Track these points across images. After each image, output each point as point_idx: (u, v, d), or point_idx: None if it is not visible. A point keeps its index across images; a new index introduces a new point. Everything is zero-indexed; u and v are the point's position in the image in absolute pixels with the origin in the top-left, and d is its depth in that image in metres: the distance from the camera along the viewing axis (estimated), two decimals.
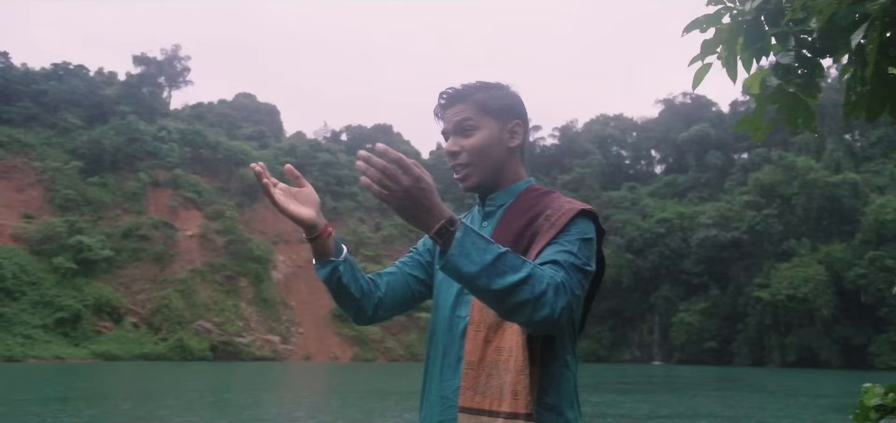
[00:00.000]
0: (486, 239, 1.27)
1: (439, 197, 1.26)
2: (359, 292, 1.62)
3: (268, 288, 63.31)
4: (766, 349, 60.08)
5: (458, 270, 1.25)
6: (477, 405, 1.42)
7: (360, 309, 1.64)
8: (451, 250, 1.24)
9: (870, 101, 2.18)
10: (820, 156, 66.36)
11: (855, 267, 56.48)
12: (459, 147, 1.57)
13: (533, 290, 1.26)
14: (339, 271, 1.58)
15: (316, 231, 1.56)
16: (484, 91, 1.58)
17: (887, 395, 2.24)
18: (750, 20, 2.21)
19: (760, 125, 2.34)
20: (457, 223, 1.26)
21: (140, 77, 73.47)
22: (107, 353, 50.50)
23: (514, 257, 1.27)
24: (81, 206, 59.62)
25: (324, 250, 1.58)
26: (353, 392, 26.17)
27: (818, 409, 21.47)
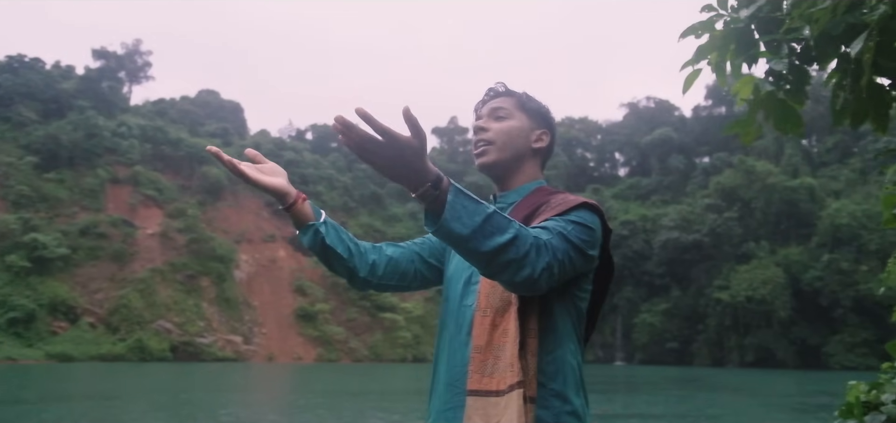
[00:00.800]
0: (474, 199, 1.29)
1: (427, 159, 1.25)
2: (346, 251, 1.65)
3: (230, 288, 62.41)
4: (726, 350, 61.40)
5: (449, 231, 1.26)
6: (484, 387, 1.43)
7: (351, 270, 1.66)
8: (444, 214, 1.25)
9: (855, 108, 2.26)
10: (779, 161, 68.08)
11: (811, 269, 58.09)
12: (489, 126, 1.63)
13: (517, 250, 1.28)
14: (320, 232, 1.61)
15: (290, 198, 1.59)
16: (525, 96, 1.68)
17: (870, 392, 2.32)
18: (742, 28, 2.27)
19: (751, 129, 2.40)
20: (444, 185, 1.26)
21: (99, 71, 71.77)
22: (62, 354, 49.19)
23: (500, 218, 1.29)
24: (36, 202, 57.98)
25: (303, 216, 1.61)
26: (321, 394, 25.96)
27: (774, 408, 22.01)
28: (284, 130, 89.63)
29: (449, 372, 1.53)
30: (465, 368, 1.48)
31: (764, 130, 2.48)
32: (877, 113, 2.29)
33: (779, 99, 2.28)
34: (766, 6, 2.23)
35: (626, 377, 41.86)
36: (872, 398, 2.29)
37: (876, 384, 2.37)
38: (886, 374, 2.41)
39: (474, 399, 1.44)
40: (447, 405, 1.51)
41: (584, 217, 1.47)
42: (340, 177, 78.52)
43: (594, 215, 1.50)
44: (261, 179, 1.55)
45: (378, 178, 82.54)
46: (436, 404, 1.56)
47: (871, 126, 2.32)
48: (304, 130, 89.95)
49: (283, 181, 1.59)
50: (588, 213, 1.49)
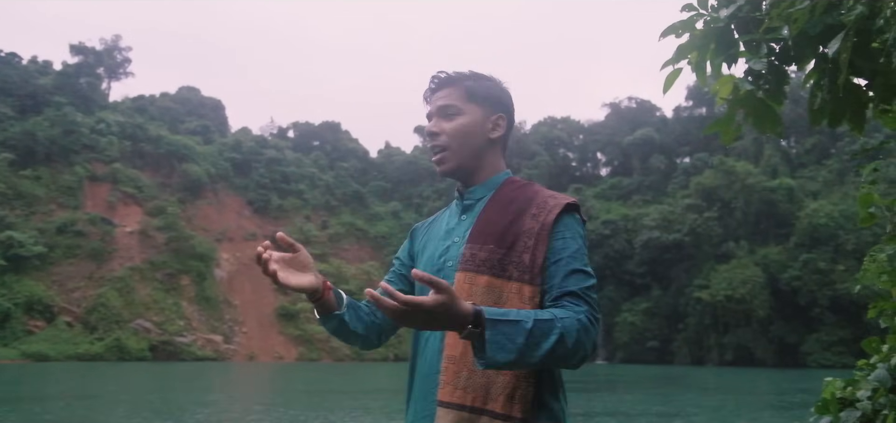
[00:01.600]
0: (511, 321, 1.28)
1: (460, 302, 1.25)
2: (364, 329, 1.64)
3: (210, 286, 61.92)
4: (705, 349, 61.94)
5: (496, 362, 1.27)
6: (458, 400, 1.39)
7: (367, 342, 1.67)
8: (487, 351, 1.25)
9: (833, 108, 2.28)
10: (758, 161, 68.80)
11: (789, 269, 58.77)
12: (440, 129, 1.57)
13: (566, 345, 1.31)
14: (345, 320, 1.59)
15: (319, 293, 1.54)
16: (474, 80, 1.60)
17: (846, 388, 2.35)
18: (722, 27, 2.28)
19: (730, 129, 2.41)
20: (481, 322, 1.26)
21: (77, 67, 70.79)
22: (38, 353, 48.50)
23: (541, 322, 1.30)
24: (12, 200, 57.09)
25: (329, 306, 1.58)
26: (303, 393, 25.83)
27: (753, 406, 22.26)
28: (266, 127, 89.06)
29: (423, 382, 1.50)
30: (437, 377, 1.45)
31: (743, 131, 2.50)
32: (854, 113, 2.32)
33: (758, 99, 2.29)
34: (745, 6, 2.25)
35: (606, 376, 42.09)
36: (848, 395, 2.32)
37: (851, 381, 2.40)
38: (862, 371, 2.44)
39: (445, 411, 1.40)
40: (419, 414, 1.48)
41: (577, 231, 1.50)
42: (322, 175, 78.16)
43: (578, 217, 1.52)
44: (290, 282, 1.50)
45: (361, 177, 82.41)
46: (413, 410, 1.53)
47: (849, 126, 2.35)
48: (286, 127, 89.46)
49: (313, 278, 1.52)
50: (574, 221, 1.51)
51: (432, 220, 1.71)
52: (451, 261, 1.53)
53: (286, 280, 1.50)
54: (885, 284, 2.44)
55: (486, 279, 1.44)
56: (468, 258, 1.48)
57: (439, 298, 1.22)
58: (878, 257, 2.47)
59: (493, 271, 1.45)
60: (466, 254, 1.49)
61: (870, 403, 2.20)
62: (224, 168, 70.54)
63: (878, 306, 2.46)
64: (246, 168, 72.29)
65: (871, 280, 2.49)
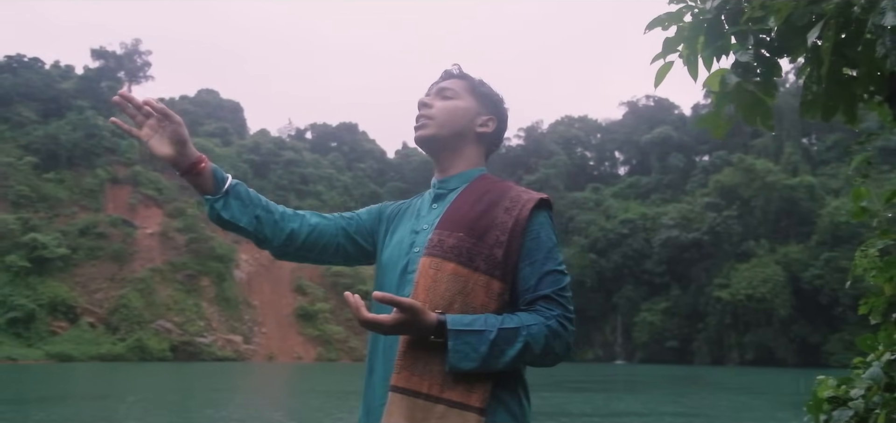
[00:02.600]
0: (475, 331, 1.33)
1: (425, 315, 1.33)
2: (252, 223, 1.57)
3: (230, 287, 62.45)
4: (726, 348, 61.35)
5: (462, 370, 1.33)
6: (413, 387, 1.37)
7: (259, 240, 1.60)
8: (449, 359, 1.32)
9: (825, 100, 2.23)
10: (778, 159, 68.01)
11: (811, 268, 58.01)
12: (432, 102, 1.61)
13: (533, 351, 1.36)
14: (215, 208, 1.53)
15: (181, 167, 1.51)
16: (479, 81, 1.66)
17: (840, 387, 2.30)
18: (711, 19, 2.24)
19: (719, 123, 2.37)
20: (445, 330, 1.33)
21: (98, 71, 71.78)
22: (62, 354, 49.24)
23: (506, 331, 1.33)
24: (36, 203, 58.03)
25: (199, 186, 1.54)
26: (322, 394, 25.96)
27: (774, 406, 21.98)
28: (284, 129, 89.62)
29: (385, 367, 1.46)
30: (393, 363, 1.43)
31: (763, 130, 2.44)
32: (846, 105, 2.27)
33: (747, 92, 2.25)
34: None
35: (625, 376, 41.84)
36: (841, 394, 2.27)
37: (845, 379, 2.35)
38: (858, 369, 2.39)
39: (399, 398, 1.38)
40: (380, 400, 1.44)
41: (549, 231, 1.50)
42: (340, 176, 78.52)
43: (549, 214, 1.52)
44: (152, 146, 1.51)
45: (378, 177, 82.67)
46: (370, 397, 1.50)
47: (842, 119, 2.30)
48: (304, 129, 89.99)
49: (168, 150, 1.50)
50: (547, 215, 1.51)
51: (404, 204, 1.70)
52: (418, 247, 1.51)
53: (148, 141, 1.51)
54: (876, 279, 2.39)
55: (453, 267, 1.42)
56: (435, 244, 1.46)
57: (398, 317, 1.31)
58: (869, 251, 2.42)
59: (461, 259, 1.43)
60: (434, 239, 1.47)
61: (863, 402, 2.16)
62: (243, 170, 71.09)
63: (869, 303, 2.41)
64: (264, 170, 72.82)
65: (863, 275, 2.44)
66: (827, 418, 2.19)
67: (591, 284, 69.37)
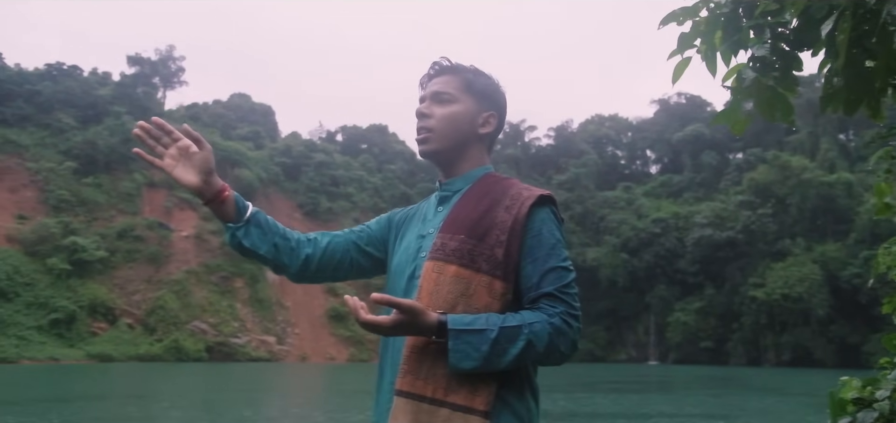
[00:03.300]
0: (477, 330, 1.32)
1: (426, 315, 1.33)
2: (271, 251, 1.60)
3: (263, 289, 63.21)
4: (762, 349, 60.21)
5: (462, 370, 1.32)
6: (418, 391, 1.37)
7: (277, 267, 1.63)
8: (449, 359, 1.32)
9: (847, 94, 2.18)
10: (814, 156, 66.53)
11: (849, 266, 56.62)
12: (430, 112, 1.57)
13: (536, 349, 1.34)
14: (237, 236, 1.57)
15: (205, 196, 1.54)
16: (473, 73, 1.61)
17: (864, 388, 2.24)
18: (727, 13, 2.20)
19: (738, 118, 2.33)
20: (445, 331, 1.32)
21: (134, 77, 73.31)
22: (101, 354, 50.37)
23: (509, 329, 1.32)
24: (76, 207, 59.49)
25: (221, 215, 1.57)
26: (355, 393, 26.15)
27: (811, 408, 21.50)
28: (315, 131, 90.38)
29: (393, 371, 1.46)
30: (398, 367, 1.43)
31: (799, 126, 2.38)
32: (870, 98, 2.21)
33: (766, 87, 2.21)
34: None
35: (659, 377, 41.33)
36: (866, 395, 2.21)
37: (871, 380, 2.30)
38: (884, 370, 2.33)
39: (404, 402, 1.38)
40: (388, 405, 1.44)
41: (552, 225, 1.47)
42: (370, 178, 78.94)
43: (552, 210, 1.49)
44: (174, 173, 1.52)
45: (408, 178, 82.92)
46: (379, 402, 1.51)
47: (865, 112, 2.24)
48: (335, 131, 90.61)
49: (194, 178, 1.52)
50: (548, 211, 1.48)
51: (411, 210, 1.71)
52: (423, 252, 1.51)
53: (170, 169, 1.52)
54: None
55: (455, 269, 1.42)
56: (438, 247, 1.47)
57: (398, 318, 1.31)
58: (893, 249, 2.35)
59: (462, 261, 1.42)
60: (437, 243, 1.48)
61: (888, 403, 2.10)
62: (275, 173, 71.92)
63: (893, 302, 2.34)
64: (296, 172, 73.53)
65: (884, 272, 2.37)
66: (851, 419, 2.14)
67: (623, 284, 68.65)
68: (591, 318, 68.74)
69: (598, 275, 67.69)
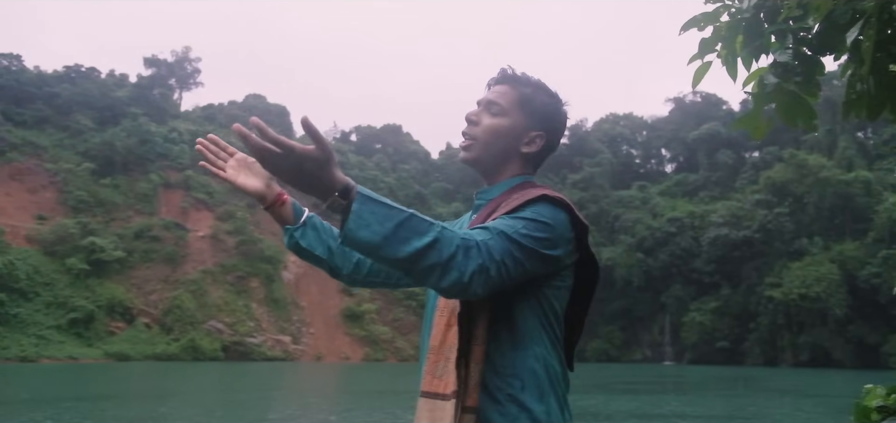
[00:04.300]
0: (388, 205, 1.21)
1: (335, 168, 1.20)
2: (325, 252, 1.65)
3: (278, 288, 63.55)
4: (779, 349, 59.64)
5: (357, 240, 1.19)
6: (434, 389, 1.39)
7: (332, 269, 1.67)
8: (347, 222, 1.18)
9: (870, 99, 2.16)
10: (832, 154, 65.79)
11: (868, 266, 55.95)
12: (478, 120, 1.54)
13: (440, 254, 1.20)
14: (295, 237, 1.63)
15: (267, 201, 1.60)
16: (534, 88, 1.56)
17: (889, 396, 2.22)
18: (748, 18, 2.20)
19: (759, 124, 2.32)
20: (352, 193, 1.20)
21: (151, 79, 73.97)
22: (119, 353, 50.88)
23: (419, 221, 1.21)
24: (94, 207, 60.12)
25: (280, 218, 1.63)
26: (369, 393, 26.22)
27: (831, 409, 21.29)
28: (329, 131, 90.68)
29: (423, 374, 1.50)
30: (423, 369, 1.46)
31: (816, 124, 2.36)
32: (894, 102, 2.19)
33: (788, 92, 2.20)
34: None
35: (675, 377, 41.09)
36: (891, 403, 2.19)
37: (895, 388, 2.27)
38: None
39: (425, 401, 1.40)
40: None
41: (540, 212, 1.36)
42: (385, 178, 79.10)
43: (556, 208, 1.38)
44: (235, 181, 1.56)
45: (422, 178, 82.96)
46: None
47: (889, 117, 2.23)
48: (349, 131, 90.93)
49: (257, 183, 1.58)
50: (546, 207, 1.38)
51: (457, 221, 1.71)
52: None
53: (234, 178, 1.56)
54: None
55: None
56: None
57: (310, 149, 1.18)
58: None
59: None
60: None
61: None
62: None
63: None
64: None
65: None
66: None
67: (639, 283, 68.28)
68: (605, 318, 68.42)
69: (614, 275, 67.37)
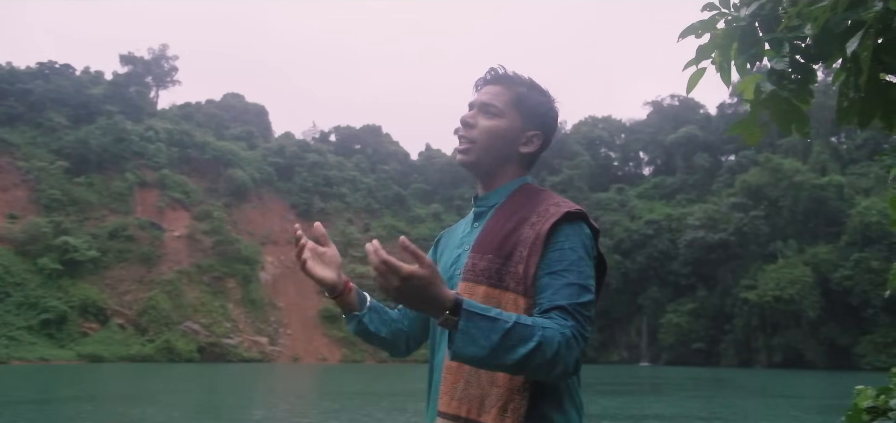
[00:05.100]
0: (491, 318, 1.24)
1: (441, 285, 1.23)
2: (389, 334, 1.69)
3: (256, 289, 63.04)
4: (753, 350, 60.50)
5: (465, 356, 1.24)
6: (454, 411, 1.39)
7: (393, 348, 1.73)
8: (456, 340, 1.23)
9: (862, 106, 2.21)
10: (806, 158, 66.92)
11: (840, 269, 56.99)
12: (475, 122, 1.56)
13: (545, 355, 1.26)
14: (364, 322, 1.66)
15: (337, 290, 1.63)
16: (527, 87, 1.58)
17: (879, 397, 2.27)
18: (744, 26, 2.23)
19: (754, 130, 2.36)
20: (460, 310, 1.23)
21: (127, 76, 73.01)
22: (92, 354, 50.09)
23: (522, 328, 1.25)
24: (67, 206, 59.14)
25: (348, 306, 1.66)
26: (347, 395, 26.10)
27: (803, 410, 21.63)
28: (308, 131, 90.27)
29: (435, 390, 1.50)
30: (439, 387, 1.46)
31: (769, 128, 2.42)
32: (886, 111, 2.24)
33: (783, 99, 2.24)
34: (768, 3, 2.19)
35: (651, 379, 41.47)
36: (880, 404, 2.24)
37: (885, 389, 2.32)
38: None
39: (442, 421, 1.41)
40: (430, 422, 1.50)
41: (576, 243, 1.42)
42: (364, 178, 78.88)
43: (583, 228, 1.44)
44: (314, 272, 1.61)
45: (401, 179, 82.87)
46: (429, 419, 1.54)
47: (881, 125, 2.27)
48: (328, 131, 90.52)
49: (333, 275, 1.62)
50: (574, 227, 1.43)
51: (453, 228, 1.72)
52: (459, 270, 1.52)
53: (312, 269, 1.60)
54: None
55: (484, 289, 1.42)
56: (469, 268, 1.47)
57: (417, 270, 1.20)
58: None
59: (491, 281, 1.43)
60: (469, 264, 1.47)
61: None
62: (268, 173, 71.76)
63: None
64: (289, 172, 73.40)
65: None
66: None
67: (616, 285, 68.83)
68: None
69: (605, 275, 67.98)
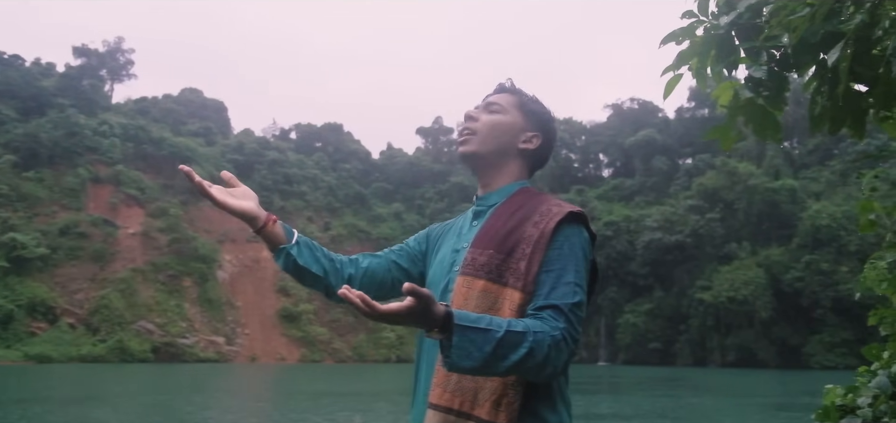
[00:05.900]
0: (482, 329, 1.27)
1: (431, 306, 1.24)
2: (321, 270, 1.63)
3: (213, 288, 61.98)
4: (708, 350, 61.87)
5: (461, 368, 1.27)
6: (446, 403, 1.40)
7: (327, 287, 1.65)
8: (451, 354, 1.26)
9: (834, 114, 2.29)
10: (761, 162, 68.74)
11: (792, 270, 58.71)
12: (477, 116, 1.61)
13: (535, 359, 1.30)
14: (292, 255, 1.60)
15: (259, 222, 1.58)
16: (531, 99, 1.68)
17: (847, 395, 2.35)
18: (722, 34, 2.28)
19: (730, 135, 2.42)
20: (451, 325, 1.25)
21: (80, 69, 70.99)
22: (40, 355, 48.55)
23: (512, 334, 1.28)
24: (15, 202, 57.19)
25: (274, 239, 1.60)
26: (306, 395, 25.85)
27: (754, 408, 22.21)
28: (268, 129, 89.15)
29: (426, 383, 1.50)
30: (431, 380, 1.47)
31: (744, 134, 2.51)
32: (854, 119, 2.32)
33: (758, 106, 2.30)
34: (746, 13, 2.25)
35: (609, 378, 42.08)
36: (848, 402, 2.32)
37: (852, 388, 2.40)
38: (863, 377, 2.44)
39: (434, 413, 1.42)
40: (419, 416, 1.49)
41: (576, 242, 1.46)
42: (325, 177, 78.23)
43: (582, 230, 1.48)
44: (228, 203, 1.55)
45: (363, 178, 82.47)
46: (415, 413, 1.53)
47: (849, 132, 2.35)
48: (289, 129, 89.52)
49: (252, 205, 1.58)
50: (575, 228, 1.47)
51: (449, 224, 1.74)
52: (457, 266, 1.54)
53: (225, 200, 1.56)
54: (886, 291, 2.44)
55: (483, 284, 1.45)
56: (469, 262, 1.49)
57: (405, 304, 1.22)
58: (878, 264, 2.47)
59: (491, 276, 1.45)
60: (468, 258, 1.50)
61: (870, 410, 2.20)
62: (226, 170, 70.47)
63: (878, 314, 2.46)
64: (248, 170, 72.32)
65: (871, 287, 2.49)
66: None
67: None
68: None
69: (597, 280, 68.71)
